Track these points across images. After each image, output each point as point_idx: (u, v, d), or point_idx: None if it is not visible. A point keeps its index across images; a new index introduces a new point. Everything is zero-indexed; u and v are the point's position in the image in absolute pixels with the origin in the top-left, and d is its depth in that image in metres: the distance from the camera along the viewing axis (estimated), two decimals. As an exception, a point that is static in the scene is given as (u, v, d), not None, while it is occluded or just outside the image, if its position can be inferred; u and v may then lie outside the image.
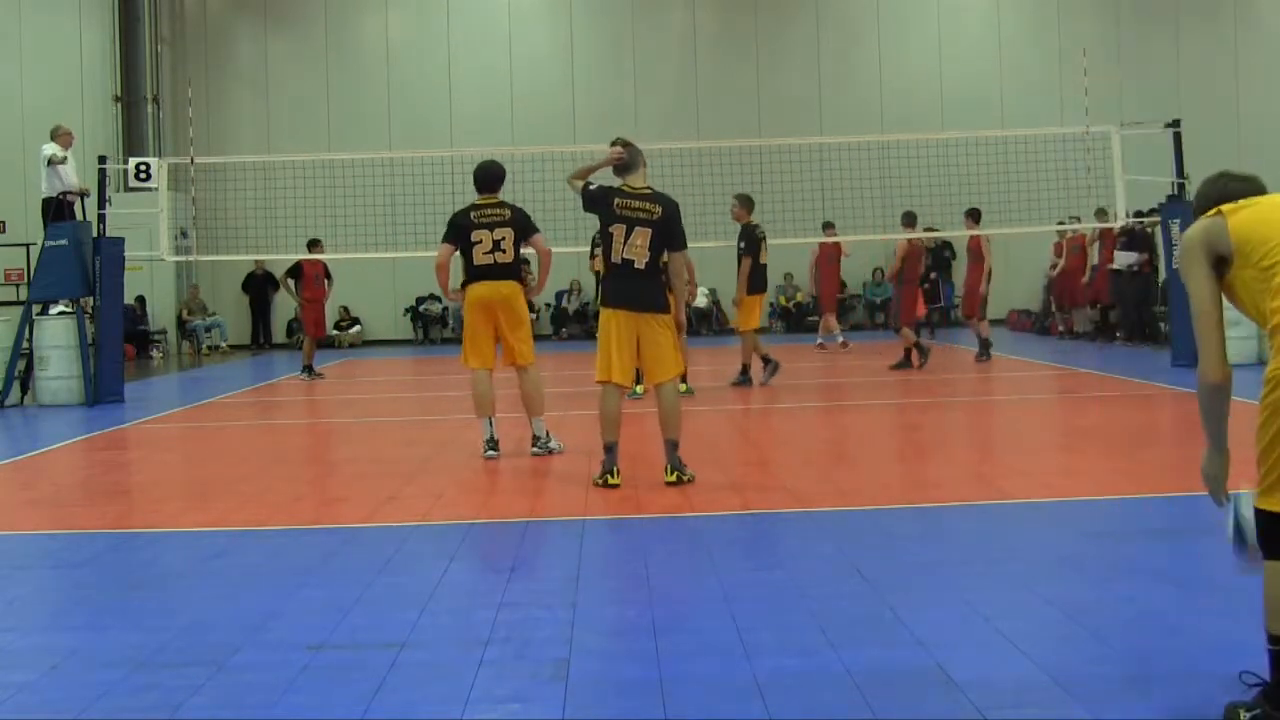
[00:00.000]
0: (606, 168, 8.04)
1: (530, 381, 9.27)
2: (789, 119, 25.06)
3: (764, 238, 14.20)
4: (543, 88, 26.17)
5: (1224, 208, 3.71)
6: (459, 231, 9.17)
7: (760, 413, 12.30)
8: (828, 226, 20.30)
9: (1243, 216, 3.65)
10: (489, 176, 9.32)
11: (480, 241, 9.09)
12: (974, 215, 17.14)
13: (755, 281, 14.07)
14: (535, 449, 9.22)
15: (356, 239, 20.28)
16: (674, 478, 7.72)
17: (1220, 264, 3.67)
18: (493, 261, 9.11)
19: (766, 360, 14.26)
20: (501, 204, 9.25)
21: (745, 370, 14.18)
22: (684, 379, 13.59)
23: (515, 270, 9.25)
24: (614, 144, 8.01)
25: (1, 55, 25.00)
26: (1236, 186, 3.80)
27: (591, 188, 7.91)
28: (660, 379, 7.84)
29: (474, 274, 9.20)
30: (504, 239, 9.10)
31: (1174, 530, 6.53)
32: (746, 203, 14.23)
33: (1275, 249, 3.58)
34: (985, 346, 16.73)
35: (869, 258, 26.24)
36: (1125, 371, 14.88)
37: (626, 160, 7.90)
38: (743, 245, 14.05)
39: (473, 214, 9.20)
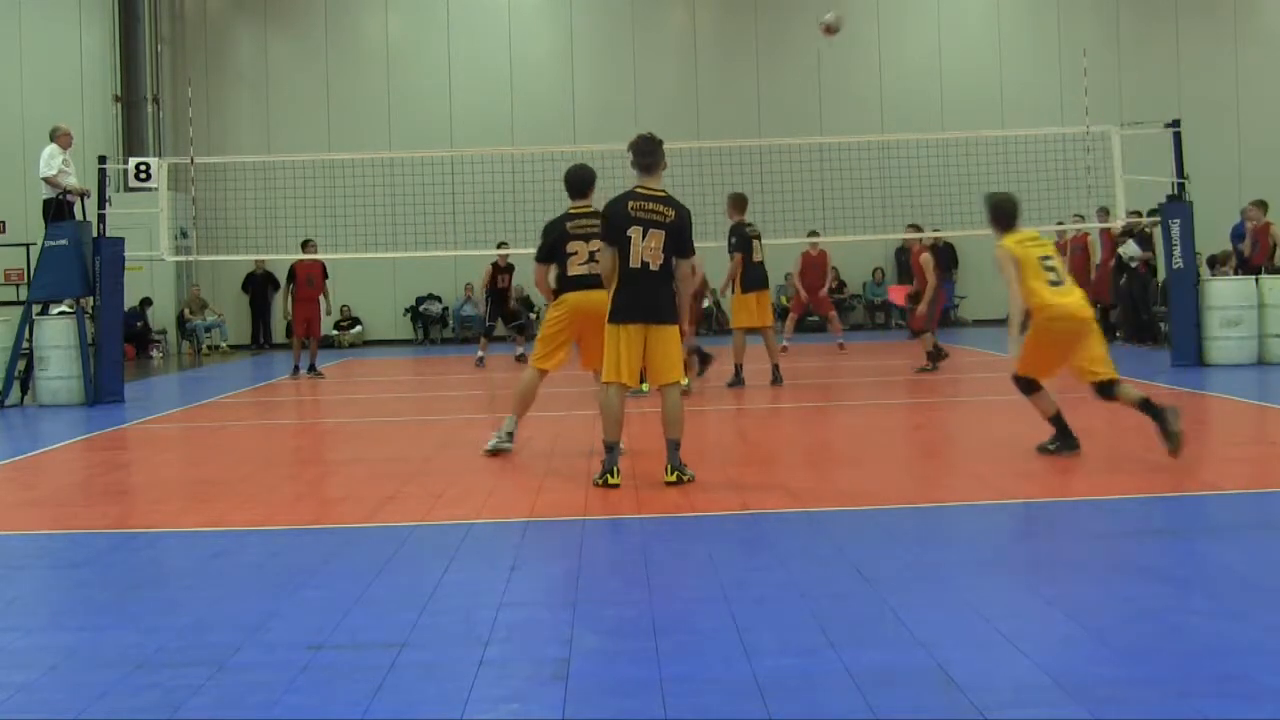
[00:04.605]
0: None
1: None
2: (789, 119, 25.08)
3: (757, 236, 14.12)
4: (543, 88, 26.19)
5: None
6: (555, 245, 8.93)
7: (760, 413, 12.29)
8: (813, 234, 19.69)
9: None
10: (580, 182, 8.94)
11: (576, 253, 8.86)
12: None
13: (750, 279, 14.06)
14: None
15: (356, 239, 20.32)
16: (674, 478, 7.72)
17: None
18: (588, 272, 8.81)
19: (738, 369, 14.04)
20: (597, 214, 8.84)
21: (738, 371, 14.12)
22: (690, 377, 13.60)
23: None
24: (641, 137, 7.97)
25: (1, 55, 25.03)
26: None
27: (604, 210, 7.90)
28: (666, 380, 7.85)
29: (570, 284, 8.93)
30: (599, 250, 8.73)
31: (1174, 530, 6.52)
32: (737, 201, 14.23)
33: None
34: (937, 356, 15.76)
35: (869, 258, 26.26)
36: (1125, 371, 14.77)
37: (651, 160, 7.88)
38: (733, 241, 14.06)
39: (568, 224, 8.92)
